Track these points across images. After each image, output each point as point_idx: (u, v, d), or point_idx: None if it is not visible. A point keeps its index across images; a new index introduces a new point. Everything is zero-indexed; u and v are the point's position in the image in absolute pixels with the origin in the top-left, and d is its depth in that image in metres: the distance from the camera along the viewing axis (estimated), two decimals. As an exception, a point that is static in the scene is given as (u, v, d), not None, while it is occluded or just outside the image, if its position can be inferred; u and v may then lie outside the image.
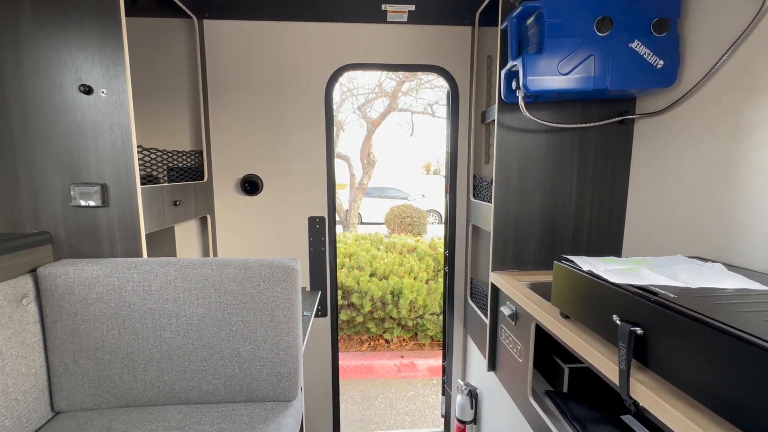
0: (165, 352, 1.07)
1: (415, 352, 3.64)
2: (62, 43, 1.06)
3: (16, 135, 1.08)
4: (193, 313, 1.06)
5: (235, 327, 1.07)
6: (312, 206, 1.94)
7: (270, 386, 1.11)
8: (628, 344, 0.71)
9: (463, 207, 1.98)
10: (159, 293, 1.05)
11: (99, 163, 1.11)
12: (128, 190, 1.13)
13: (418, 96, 7.52)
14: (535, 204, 1.43)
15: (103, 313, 1.05)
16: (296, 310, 1.10)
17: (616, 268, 0.88)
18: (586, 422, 0.98)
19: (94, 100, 1.08)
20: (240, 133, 1.86)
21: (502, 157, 1.40)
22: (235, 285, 1.06)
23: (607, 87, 1.17)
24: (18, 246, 1.03)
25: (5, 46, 1.04)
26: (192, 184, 1.66)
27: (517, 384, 1.28)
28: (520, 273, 1.43)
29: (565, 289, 0.96)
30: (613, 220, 1.44)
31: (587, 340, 0.86)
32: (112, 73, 1.08)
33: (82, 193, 1.11)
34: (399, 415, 2.82)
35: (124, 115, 1.09)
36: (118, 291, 1.04)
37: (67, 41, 1.06)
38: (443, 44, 1.85)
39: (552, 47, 1.16)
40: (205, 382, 1.09)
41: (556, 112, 1.38)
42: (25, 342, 1.00)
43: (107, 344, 1.06)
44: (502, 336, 1.41)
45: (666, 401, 0.63)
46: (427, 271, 3.76)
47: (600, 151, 1.41)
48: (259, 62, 1.81)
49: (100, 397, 1.08)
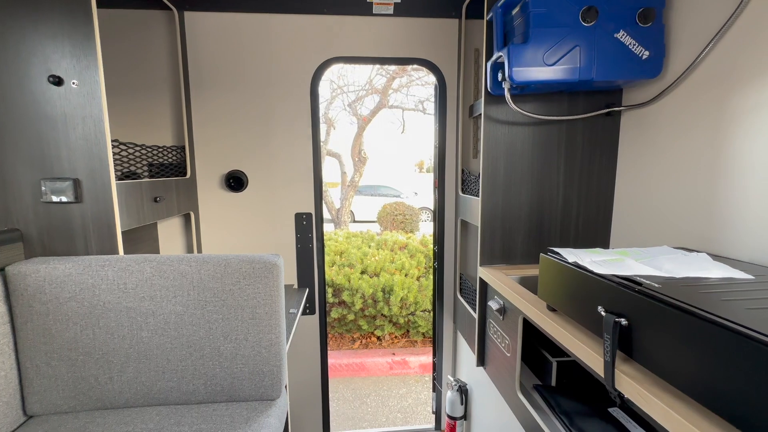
0: (142, 352, 1.04)
1: (407, 349, 3.62)
2: (30, 33, 1.01)
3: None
4: (171, 311, 1.03)
5: (215, 325, 1.04)
6: (299, 202, 1.90)
7: (252, 385, 1.08)
8: (612, 335, 0.70)
9: (451, 202, 1.96)
10: (135, 291, 1.02)
11: (71, 157, 1.07)
12: (102, 186, 1.09)
13: (409, 93, 7.50)
14: (523, 197, 1.42)
15: (76, 312, 1.01)
16: (278, 307, 1.07)
17: (602, 259, 0.87)
18: (574, 416, 0.97)
19: (65, 91, 1.04)
20: (224, 128, 1.81)
21: (489, 150, 1.39)
22: (215, 282, 1.03)
23: (593, 78, 1.16)
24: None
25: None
26: (174, 180, 1.62)
27: (505, 379, 1.26)
28: (508, 267, 1.42)
29: (551, 282, 0.95)
30: (600, 212, 1.43)
31: (573, 332, 0.85)
32: (84, 63, 1.03)
33: (53, 188, 1.06)
34: (391, 412, 2.81)
35: (96, 107, 1.05)
36: (91, 289, 1.00)
37: (36, 30, 1.01)
38: (430, 37, 1.83)
39: (537, 37, 1.14)
40: (184, 382, 1.06)
41: (543, 105, 1.37)
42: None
43: (81, 345, 1.02)
44: (491, 331, 1.40)
45: (650, 393, 0.62)
46: (418, 268, 3.75)
47: (587, 143, 1.40)
48: (243, 55, 1.77)
49: (75, 400, 1.04)
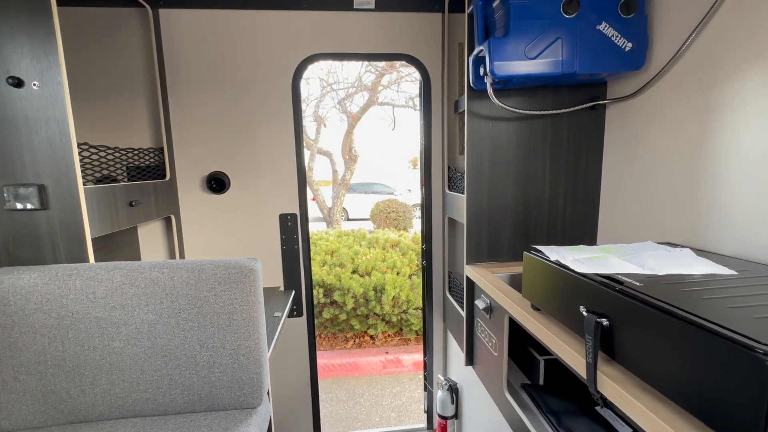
0: (115, 363, 1.00)
1: (400, 347, 3.61)
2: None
3: None
4: (144, 320, 0.99)
5: (191, 333, 1.01)
6: (283, 203, 1.87)
7: (231, 394, 1.04)
8: (594, 336, 0.67)
9: (439, 199, 1.94)
10: (104, 300, 0.98)
11: (35, 161, 1.02)
12: (69, 191, 1.04)
13: (399, 89, 7.46)
14: (509, 194, 1.40)
15: (43, 324, 0.97)
16: (256, 312, 1.03)
17: (585, 257, 0.85)
18: (561, 415, 0.95)
19: (26, 93, 0.99)
20: (203, 128, 1.77)
21: (473, 146, 1.36)
22: (189, 288, 0.99)
23: (575, 71, 1.13)
24: (-56, 255, 0.94)
25: None
26: (152, 183, 1.57)
27: (493, 378, 1.25)
28: (495, 265, 1.40)
29: (534, 281, 0.93)
30: (587, 207, 1.41)
31: (557, 332, 0.83)
32: (45, 64, 0.99)
33: (17, 194, 1.02)
34: (385, 411, 2.79)
35: (60, 109, 1.01)
36: (58, 300, 0.96)
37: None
38: (413, 32, 1.79)
39: (518, 30, 1.11)
40: (160, 393, 1.02)
41: (527, 99, 1.35)
42: (-45, 359, 0.91)
43: (50, 357, 0.98)
44: (479, 330, 1.38)
45: (632, 395, 0.60)
46: (410, 266, 3.73)
47: (572, 137, 1.38)
48: (221, 54, 1.72)
49: (46, 414, 1.00)
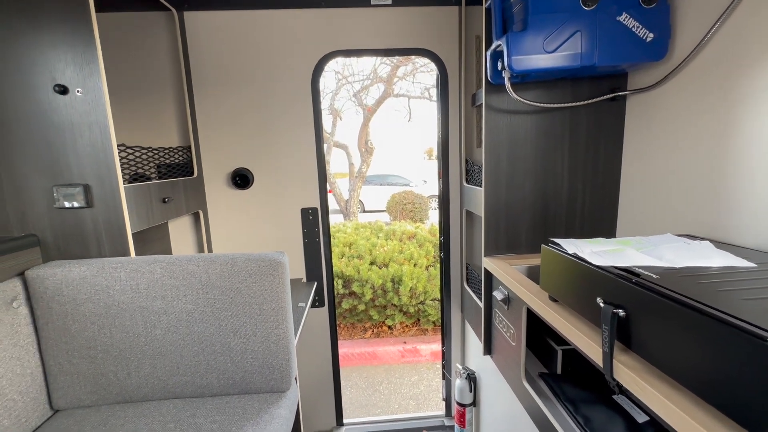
0: (157, 349, 1.08)
1: (417, 337, 3.67)
2: (32, 43, 1.04)
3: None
4: (182, 309, 1.07)
5: (225, 322, 1.08)
6: (304, 197, 1.93)
7: (263, 378, 1.12)
8: (610, 326, 0.70)
9: (456, 192, 1.96)
10: (147, 291, 1.06)
11: (80, 163, 1.10)
12: (111, 190, 1.12)
13: (414, 80, 7.40)
14: (527, 187, 1.41)
15: (92, 312, 1.05)
16: (285, 302, 1.10)
17: (603, 250, 0.87)
18: (579, 403, 0.98)
19: (70, 99, 1.07)
20: (228, 126, 1.84)
21: (491, 140, 1.38)
22: (222, 280, 1.06)
23: (595, 63, 1.13)
24: (5, 250, 1.03)
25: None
26: (182, 181, 1.66)
27: (511, 367, 1.28)
28: (513, 257, 1.42)
29: (552, 273, 0.95)
30: (606, 200, 1.41)
31: (574, 322, 0.86)
32: (86, 71, 1.06)
33: (65, 194, 1.10)
34: (403, 399, 2.87)
35: (101, 114, 1.08)
36: (106, 290, 1.05)
37: (38, 40, 1.04)
38: (430, 26, 1.80)
39: (536, 24, 1.12)
40: (198, 377, 1.10)
41: (546, 92, 1.35)
42: (18, 344, 1.01)
43: (99, 343, 1.07)
44: (497, 320, 1.41)
45: (647, 382, 0.63)
46: (427, 258, 3.76)
47: (592, 130, 1.38)
48: (243, 53, 1.77)
49: (97, 395, 1.10)
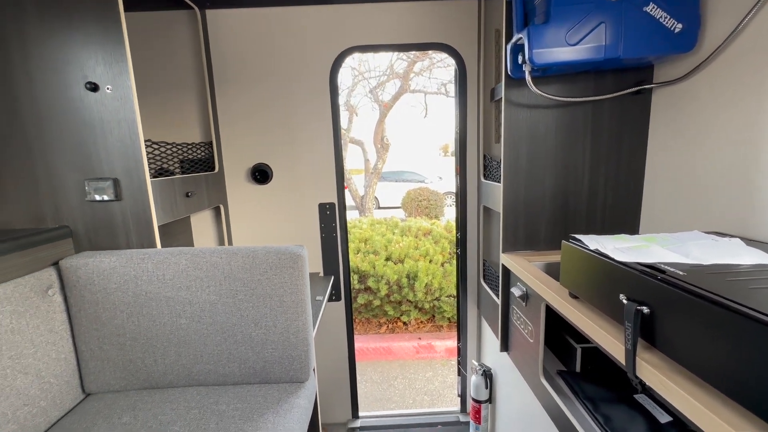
0: (181, 338, 1.12)
1: (432, 333, 3.67)
2: (66, 42, 1.08)
3: (31, 134, 1.12)
4: (206, 300, 1.10)
5: (246, 313, 1.11)
6: (322, 193, 1.95)
7: (282, 368, 1.14)
8: (634, 324, 0.69)
9: (474, 188, 1.95)
10: (172, 282, 1.09)
11: (110, 158, 1.15)
12: (139, 184, 1.16)
13: (431, 76, 7.35)
14: (547, 182, 1.39)
15: (122, 301, 1.10)
16: (304, 295, 1.12)
17: (626, 246, 0.85)
18: (599, 402, 0.97)
19: (101, 96, 1.11)
20: (248, 122, 1.87)
21: (510, 135, 1.36)
22: (244, 272, 1.09)
23: (619, 56, 1.10)
24: (41, 240, 1.08)
25: (13, 48, 1.08)
26: (204, 175, 1.70)
27: (529, 364, 1.27)
28: (531, 253, 1.41)
29: (573, 269, 0.94)
30: (629, 196, 1.38)
31: (595, 319, 0.85)
32: (116, 69, 1.09)
33: (96, 188, 1.15)
34: (418, 394, 2.88)
35: (129, 111, 1.12)
36: (134, 280, 1.09)
37: (71, 40, 1.08)
38: (449, 20, 1.79)
39: (559, 16, 1.10)
40: (221, 365, 1.14)
41: (567, 86, 1.32)
42: (53, 330, 1.06)
43: (128, 330, 1.11)
44: (514, 317, 1.40)
45: (672, 381, 0.62)
46: (442, 254, 3.75)
47: (615, 124, 1.35)
48: (263, 50, 1.80)
49: (125, 380, 1.15)
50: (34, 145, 1.13)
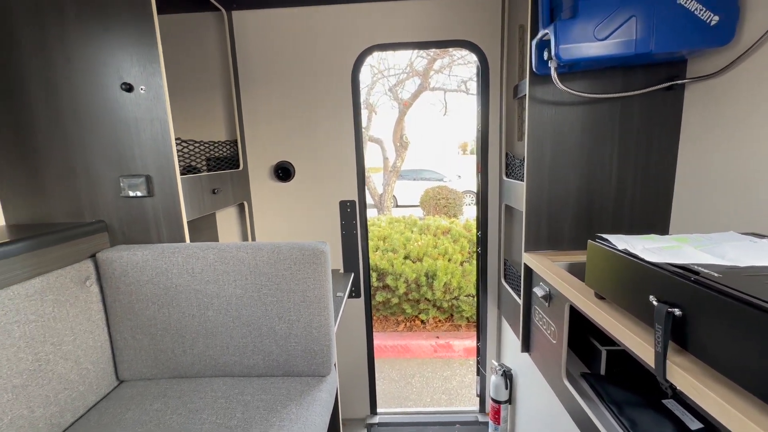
0: (209, 329, 1.16)
1: (451, 332, 3.65)
2: (104, 45, 1.13)
3: (70, 132, 1.18)
4: (232, 293, 1.13)
5: (270, 307, 1.14)
6: (342, 190, 1.97)
7: (305, 362, 1.17)
8: (664, 326, 0.67)
9: (495, 186, 1.92)
10: (201, 275, 1.13)
11: (143, 156, 1.20)
12: (170, 181, 1.21)
13: (451, 73, 7.28)
14: (571, 181, 1.36)
15: (153, 293, 1.15)
16: (327, 291, 1.14)
17: (656, 247, 0.83)
18: (624, 406, 0.95)
19: (135, 97, 1.16)
20: (271, 121, 1.91)
21: (534, 132, 1.34)
22: (269, 267, 1.12)
23: (651, 50, 1.07)
24: (79, 234, 1.14)
25: (56, 51, 1.14)
26: (229, 173, 1.75)
27: (551, 365, 1.25)
28: (554, 253, 1.38)
29: (599, 269, 0.92)
30: (659, 195, 1.34)
31: (622, 321, 0.83)
32: (149, 70, 1.14)
33: (130, 184, 1.20)
34: (435, 393, 2.88)
35: (161, 110, 1.16)
36: (165, 273, 1.14)
37: (108, 42, 1.13)
38: (471, 16, 1.77)
39: (587, 11, 1.07)
40: (245, 357, 1.17)
41: (594, 82, 1.29)
42: (90, 318, 1.12)
43: (159, 321, 1.16)
44: (536, 317, 1.38)
45: (705, 385, 0.60)
46: (461, 253, 3.73)
47: (644, 121, 1.30)
48: (287, 49, 1.83)
49: (156, 369, 1.19)
50: (73, 144, 1.19)
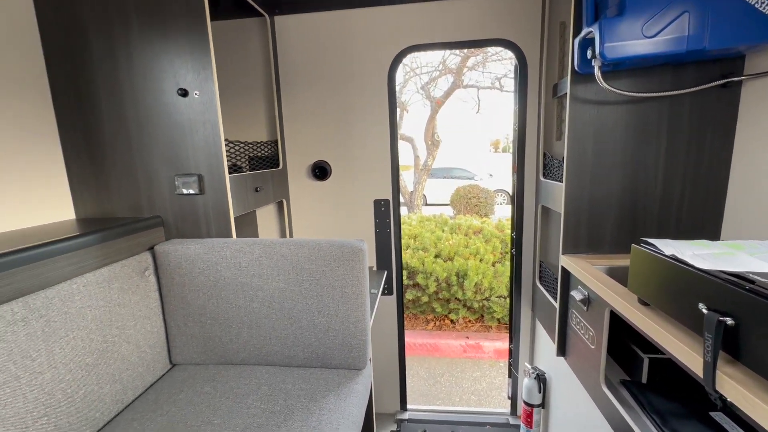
0: (254, 320, 1.23)
1: (481, 333, 3.62)
2: (162, 53, 1.22)
3: (133, 134, 1.29)
4: (275, 287, 1.20)
5: (311, 301, 1.19)
6: (377, 189, 2.01)
7: (342, 355, 1.21)
8: (715, 335, 0.65)
9: (531, 187, 1.89)
10: (247, 269, 1.20)
11: (195, 156, 1.28)
12: (219, 179, 1.29)
13: (484, 70, 7.15)
14: (614, 183, 1.32)
15: (204, 284, 1.23)
16: (364, 287, 1.18)
17: (707, 253, 0.80)
18: (668, 416, 0.92)
19: (189, 101, 1.24)
20: (310, 121, 1.97)
21: (575, 132, 1.31)
22: (310, 263, 1.17)
23: (705, 47, 1.02)
24: (140, 228, 1.25)
25: (121, 59, 1.24)
26: (269, 172, 1.83)
27: (588, 371, 1.23)
28: (594, 256, 1.35)
29: (644, 275, 0.90)
30: (710, 199, 1.27)
31: (668, 329, 0.81)
32: (203, 76, 1.22)
33: (183, 182, 1.29)
34: (464, 393, 2.87)
35: (213, 113, 1.24)
36: (214, 266, 1.22)
37: (167, 50, 1.22)
38: (510, 13, 1.75)
39: (635, 7, 1.04)
40: (287, 348, 1.24)
41: (640, 80, 1.25)
42: (149, 306, 1.22)
43: (208, 311, 1.25)
44: (573, 321, 1.36)
45: (759, 398, 0.58)
46: (493, 254, 3.67)
47: (695, 120, 1.24)
48: (325, 51, 1.89)
49: (205, 354, 1.28)
50: (134, 145, 1.30)
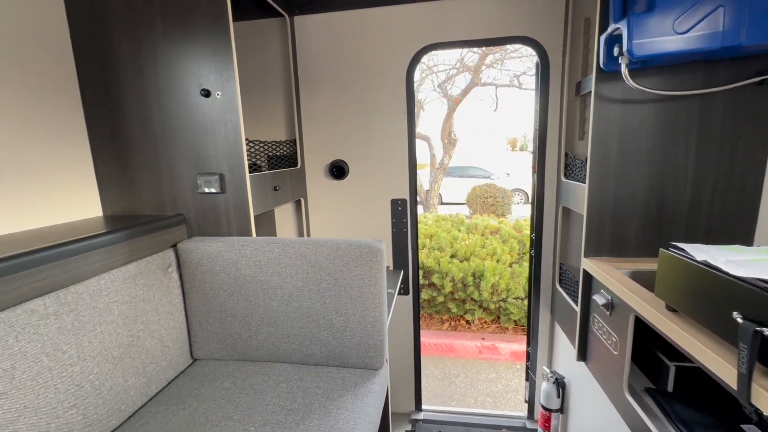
0: (272, 318, 1.25)
1: (497, 335, 3.57)
2: (186, 55, 1.25)
3: (157, 134, 1.32)
4: (294, 285, 1.21)
5: (329, 300, 1.20)
6: (394, 189, 2.00)
7: (359, 355, 1.22)
8: (751, 345, 0.62)
9: (552, 187, 1.85)
10: (266, 267, 1.22)
11: (217, 155, 1.31)
12: (240, 178, 1.31)
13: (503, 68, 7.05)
14: (639, 184, 1.28)
15: (224, 282, 1.25)
16: (381, 287, 1.17)
17: (741, 259, 0.77)
18: (696, 426, 0.89)
19: (212, 101, 1.27)
20: (328, 120, 1.98)
21: (599, 132, 1.28)
22: (328, 262, 1.18)
23: (740, 43, 0.98)
24: (164, 225, 1.28)
25: (146, 61, 1.27)
26: (288, 171, 1.84)
27: (611, 377, 1.20)
28: (617, 260, 1.31)
29: (672, 280, 0.87)
30: (744, 202, 1.22)
31: (698, 337, 0.78)
32: (225, 77, 1.24)
33: (205, 181, 1.32)
34: (480, 395, 2.84)
35: (234, 114, 1.26)
36: (235, 264, 1.24)
37: (190, 53, 1.25)
38: (531, 10, 1.71)
39: (665, 3, 1.00)
40: (304, 346, 1.25)
41: (670, 78, 1.20)
42: (171, 302, 1.25)
43: (228, 308, 1.27)
44: (595, 326, 1.32)
45: (799, 413, 0.55)
46: (511, 254, 3.62)
47: (729, 120, 1.19)
48: (344, 51, 1.89)
49: (225, 350, 1.31)
50: (159, 144, 1.33)
